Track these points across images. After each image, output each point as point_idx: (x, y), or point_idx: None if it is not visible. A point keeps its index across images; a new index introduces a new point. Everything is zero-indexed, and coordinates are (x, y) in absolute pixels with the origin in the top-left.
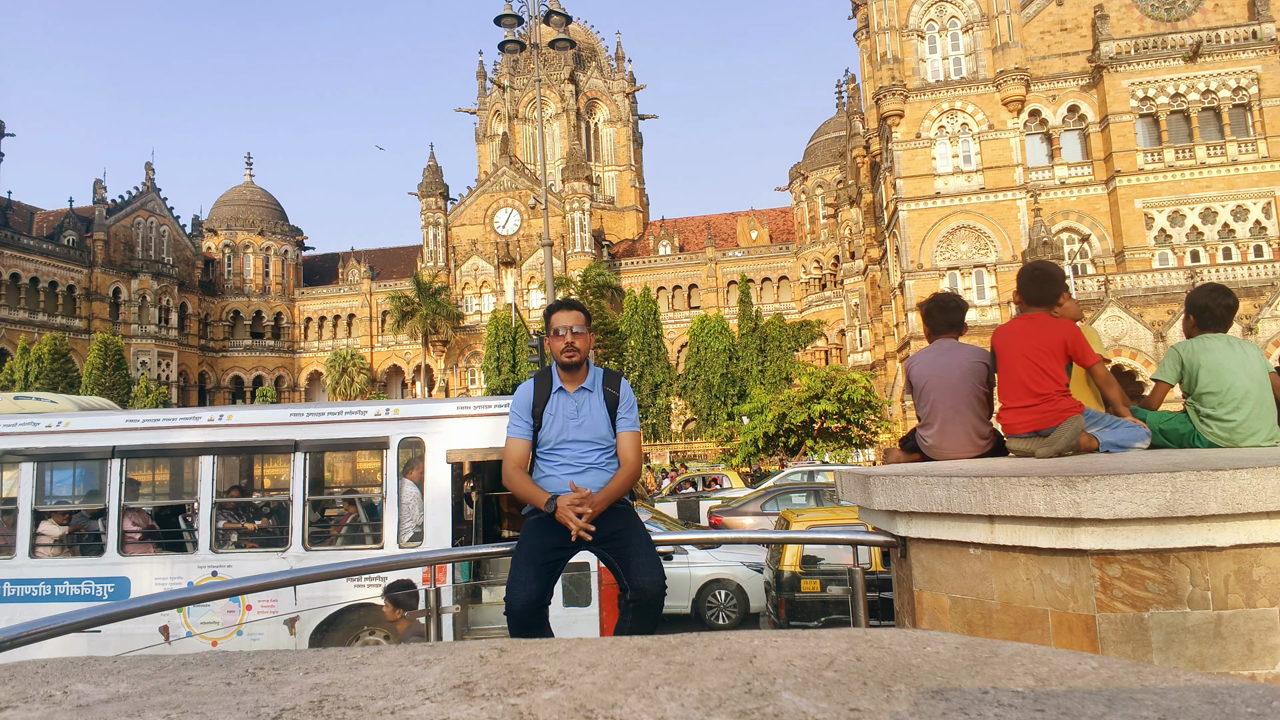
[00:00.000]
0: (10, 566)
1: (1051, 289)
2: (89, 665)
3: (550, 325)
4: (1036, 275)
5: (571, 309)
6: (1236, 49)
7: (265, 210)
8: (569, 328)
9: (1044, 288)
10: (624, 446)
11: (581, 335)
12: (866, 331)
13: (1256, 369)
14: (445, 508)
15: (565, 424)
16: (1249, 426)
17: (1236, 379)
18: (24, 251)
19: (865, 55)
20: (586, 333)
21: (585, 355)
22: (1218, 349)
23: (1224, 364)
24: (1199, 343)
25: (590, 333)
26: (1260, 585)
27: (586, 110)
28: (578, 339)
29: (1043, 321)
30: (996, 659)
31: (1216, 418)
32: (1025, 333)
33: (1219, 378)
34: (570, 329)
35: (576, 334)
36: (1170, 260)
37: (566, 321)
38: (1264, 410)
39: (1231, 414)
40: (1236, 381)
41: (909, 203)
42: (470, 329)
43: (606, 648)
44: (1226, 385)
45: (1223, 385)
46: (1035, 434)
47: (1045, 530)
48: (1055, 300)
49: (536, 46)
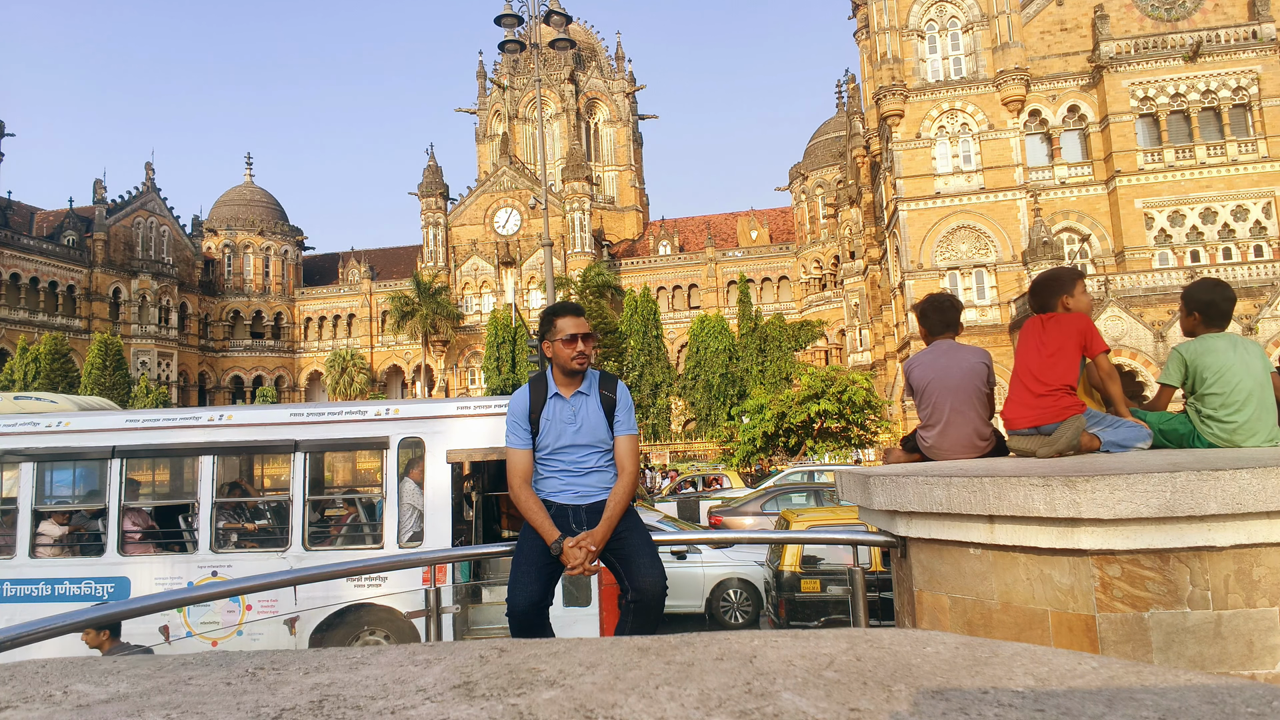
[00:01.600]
0: (10, 566)
1: (1046, 296)
2: (89, 665)
3: (556, 330)
4: (1035, 286)
5: (579, 314)
6: (1236, 49)
7: (265, 210)
8: (580, 334)
9: (1042, 295)
10: (621, 452)
11: (590, 340)
12: (866, 331)
13: (1258, 369)
14: (445, 508)
15: (563, 429)
16: (1250, 428)
17: (1241, 380)
18: (24, 251)
19: (865, 55)
20: (594, 336)
21: (591, 360)
22: (1221, 349)
23: (1228, 364)
24: (1201, 343)
25: (595, 337)
26: (1260, 585)
27: (586, 110)
28: (587, 344)
29: (1059, 318)
30: (996, 659)
31: (1218, 419)
32: (1043, 328)
33: (1223, 379)
34: (582, 335)
35: (586, 339)
36: (1170, 260)
37: (578, 329)
38: (1265, 411)
39: (1234, 415)
40: (1240, 383)
41: (909, 203)
42: (470, 329)
43: (606, 648)
44: (1231, 386)
45: (1227, 386)
46: (1036, 431)
47: (1045, 530)
48: (1056, 303)
49: (536, 46)
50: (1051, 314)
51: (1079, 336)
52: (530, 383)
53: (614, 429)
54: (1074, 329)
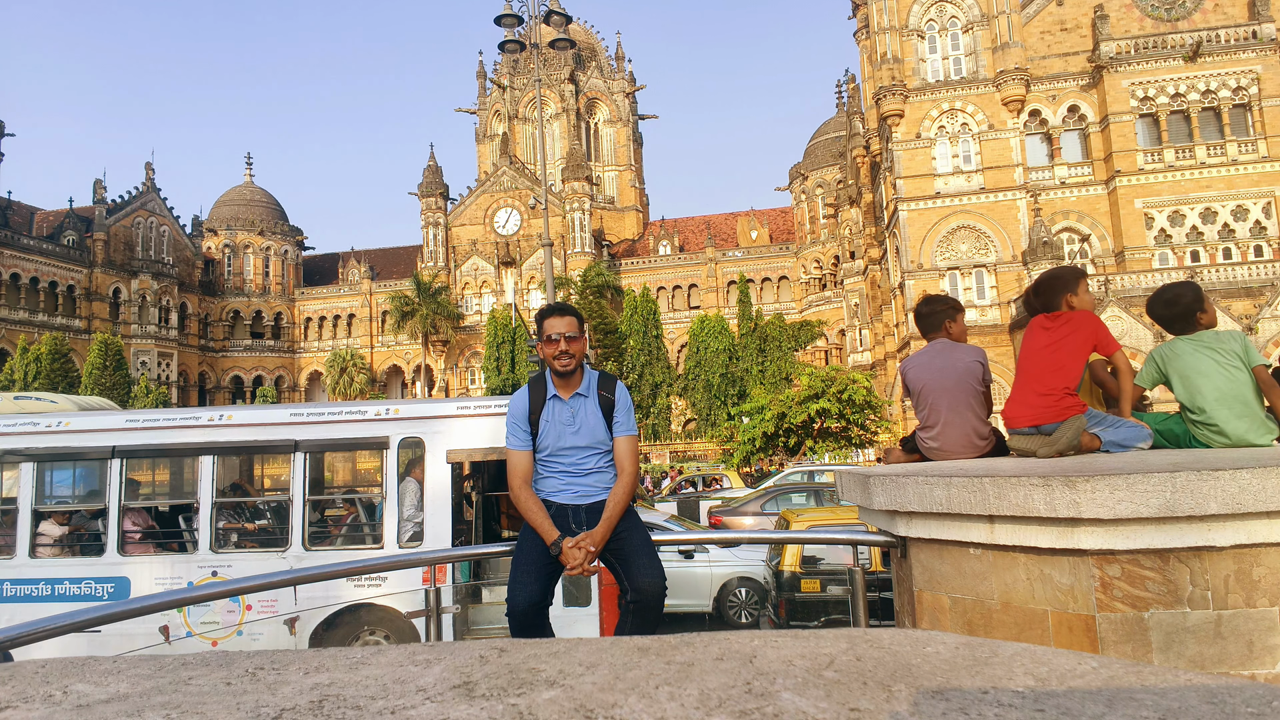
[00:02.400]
0: (10, 566)
1: (1050, 294)
2: (89, 665)
3: (543, 331)
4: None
5: (564, 314)
6: (1236, 49)
7: (265, 210)
8: (562, 334)
9: (1046, 294)
10: (620, 453)
11: (575, 341)
12: (866, 331)
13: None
14: (445, 508)
15: (562, 431)
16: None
17: (1204, 383)
18: (24, 251)
19: (865, 55)
20: (580, 337)
21: (580, 361)
22: (1183, 352)
23: (1191, 368)
24: (1169, 348)
25: (584, 337)
26: (1260, 585)
27: (586, 110)
28: (571, 345)
29: (1066, 317)
30: (996, 659)
31: (1195, 421)
32: (1050, 327)
33: (1186, 381)
34: (564, 335)
35: (570, 340)
36: (1170, 260)
37: (560, 328)
38: (1230, 406)
39: (1203, 416)
40: (1204, 386)
41: (909, 203)
42: (470, 329)
43: (606, 648)
44: (1195, 390)
45: (1191, 388)
46: (1037, 430)
47: (1045, 530)
48: (1060, 301)
49: (536, 46)
50: (1057, 313)
51: (1092, 336)
52: (529, 384)
53: (613, 430)
54: (1087, 328)
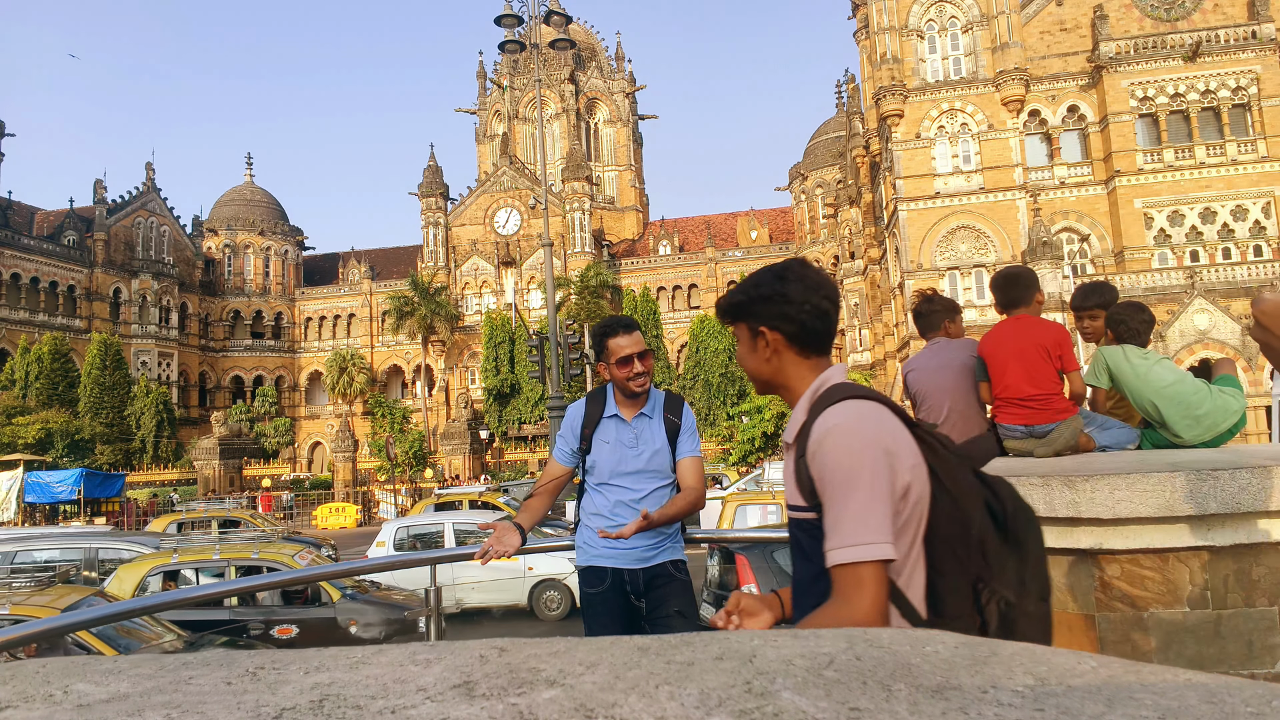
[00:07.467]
0: None
1: (1016, 291)
2: (89, 665)
3: (609, 352)
4: (1000, 280)
5: (630, 330)
6: (1236, 49)
7: (265, 210)
8: (635, 354)
9: (1008, 291)
10: (685, 471)
11: (647, 357)
12: (866, 331)
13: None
14: None
15: (623, 454)
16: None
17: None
18: (24, 251)
19: (865, 55)
20: (651, 351)
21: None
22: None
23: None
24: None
25: (652, 352)
26: (1260, 585)
27: (586, 110)
28: (645, 362)
29: (1031, 323)
30: (996, 658)
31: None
32: (1015, 333)
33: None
34: (637, 355)
35: (642, 357)
36: (1170, 260)
37: (631, 347)
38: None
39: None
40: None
41: (908, 203)
42: (470, 329)
43: (606, 647)
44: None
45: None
46: (1030, 432)
47: (1044, 530)
48: (1029, 300)
49: (536, 46)
50: (1023, 317)
51: (1054, 347)
52: (588, 397)
53: (677, 451)
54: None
